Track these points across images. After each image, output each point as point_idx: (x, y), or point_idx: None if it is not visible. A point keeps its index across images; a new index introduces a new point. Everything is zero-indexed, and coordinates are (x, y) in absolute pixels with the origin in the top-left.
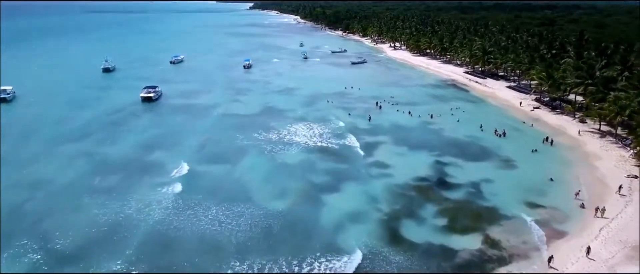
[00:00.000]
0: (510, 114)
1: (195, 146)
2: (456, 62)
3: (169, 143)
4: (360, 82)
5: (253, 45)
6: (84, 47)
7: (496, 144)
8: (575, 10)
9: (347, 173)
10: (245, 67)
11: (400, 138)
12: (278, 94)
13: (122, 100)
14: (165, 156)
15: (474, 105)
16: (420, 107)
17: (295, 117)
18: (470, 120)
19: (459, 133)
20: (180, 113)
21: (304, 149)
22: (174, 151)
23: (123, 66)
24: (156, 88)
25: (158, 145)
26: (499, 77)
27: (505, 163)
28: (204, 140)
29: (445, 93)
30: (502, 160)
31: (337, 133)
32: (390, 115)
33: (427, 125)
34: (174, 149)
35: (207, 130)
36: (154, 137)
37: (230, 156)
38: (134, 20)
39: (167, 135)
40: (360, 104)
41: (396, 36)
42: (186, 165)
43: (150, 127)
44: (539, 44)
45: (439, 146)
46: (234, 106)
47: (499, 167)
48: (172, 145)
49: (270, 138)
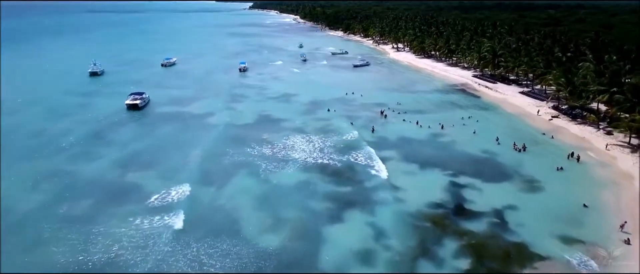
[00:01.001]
0: (527, 124)
1: (179, 164)
2: (463, 65)
3: (150, 161)
4: (362, 87)
5: (250, 47)
6: (75, 48)
7: (516, 160)
8: (578, 9)
9: (351, 199)
10: (241, 70)
11: (409, 154)
12: (275, 101)
13: (105, 107)
14: (143, 178)
15: (486, 114)
16: (429, 116)
17: (293, 127)
18: (485, 131)
19: (473, 147)
20: (166, 124)
21: (302, 167)
22: (154, 170)
23: (112, 69)
24: (143, 95)
25: (137, 163)
26: (510, 82)
27: (529, 184)
28: (190, 157)
29: (454, 99)
30: (525, 181)
31: (339, 147)
32: (396, 126)
33: (437, 137)
34: (154, 168)
35: (194, 143)
36: (134, 153)
37: (218, 177)
38: (132, 20)
39: (148, 150)
40: (364, 112)
41: (399, 37)
42: (165, 190)
43: (132, 141)
44: (553, 45)
45: (452, 163)
46: (226, 115)
47: (522, 189)
48: (152, 163)
49: (264, 153)
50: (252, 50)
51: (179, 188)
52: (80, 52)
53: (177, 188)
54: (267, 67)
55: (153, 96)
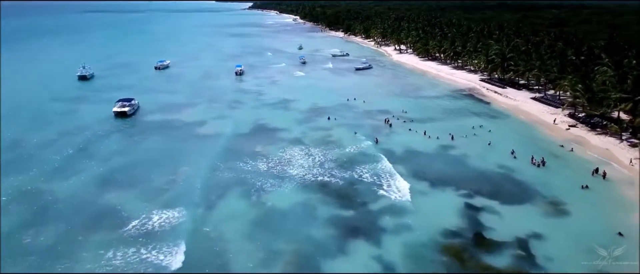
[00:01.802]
0: (542, 134)
1: (164, 183)
2: (469, 68)
3: (132, 178)
4: (365, 92)
5: (248, 48)
6: (68, 50)
7: (536, 177)
8: (581, 9)
9: (355, 225)
10: (237, 74)
11: (418, 170)
12: (272, 108)
13: (91, 115)
14: (122, 199)
15: (498, 122)
16: (437, 125)
17: (291, 139)
18: (498, 142)
19: (487, 161)
20: (154, 134)
21: (300, 186)
22: (135, 190)
23: (103, 73)
24: (132, 101)
25: (119, 181)
26: (520, 86)
27: (554, 206)
28: (177, 174)
29: (462, 106)
30: (548, 202)
31: (340, 161)
32: (402, 136)
33: (448, 150)
34: (136, 188)
35: (182, 158)
36: (116, 169)
37: (205, 199)
38: (130, 20)
39: (132, 166)
40: (367, 120)
41: (402, 38)
42: (145, 215)
43: (115, 154)
44: (565, 48)
45: (467, 181)
46: (219, 124)
47: (546, 213)
48: (135, 181)
49: (259, 169)
50: (249, 52)
51: (161, 213)
52: (73, 54)
53: (159, 212)
54: (265, 70)
55: (143, 102)
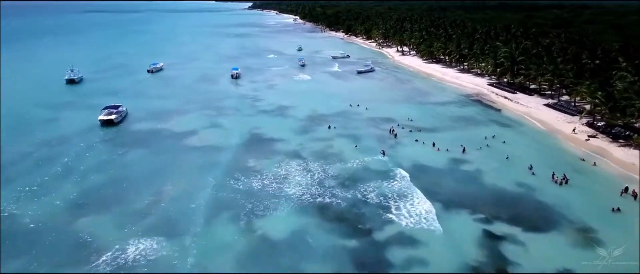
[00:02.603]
0: (561, 145)
1: (144, 205)
2: (476, 71)
3: (110, 199)
4: (367, 97)
5: (246, 49)
6: (61, 51)
7: (559, 198)
8: (582, 10)
9: (359, 259)
10: (233, 77)
11: (428, 189)
12: (268, 116)
13: (75, 124)
14: (96, 225)
15: (511, 132)
16: (446, 135)
17: (288, 151)
18: (514, 155)
19: (504, 178)
20: (140, 146)
21: (297, 209)
22: (112, 214)
23: (93, 76)
24: (119, 108)
25: (94, 202)
26: (531, 91)
27: (584, 234)
28: (160, 194)
29: (471, 113)
30: (577, 229)
31: (342, 178)
32: (409, 148)
33: (459, 164)
34: (113, 211)
35: (167, 174)
36: (93, 188)
37: (189, 225)
38: (129, 20)
39: (112, 184)
40: (370, 129)
41: (404, 39)
42: (119, 245)
43: (95, 169)
44: (580, 51)
45: (483, 203)
46: (211, 134)
47: (577, 243)
48: (112, 203)
49: (251, 188)
50: (247, 53)
51: (138, 243)
52: (65, 56)
53: (135, 242)
54: (262, 73)
55: (132, 108)
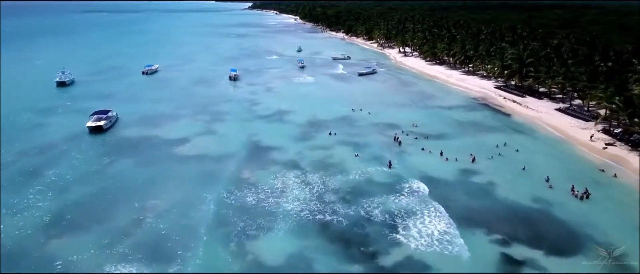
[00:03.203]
0: (577, 154)
1: (126, 224)
2: (482, 74)
3: (90, 217)
4: (369, 101)
5: (244, 50)
6: (54, 52)
7: (581, 215)
8: (584, 10)
9: None
10: (231, 79)
11: (437, 205)
12: (265, 121)
13: (62, 130)
14: (71, 249)
15: (523, 139)
16: (454, 142)
17: (285, 161)
18: (528, 165)
19: (519, 191)
20: (128, 155)
21: (295, 228)
22: (89, 236)
23: (85, 78)
24: (109, 113)
25: (72, 221)
26: (540, 95)
27: (614, 261)
28: (144, 210)
29: (479, 118)
30: (605, 252)
31: (344, 192)
32: (414, 157)
33: (470, 176)
34: (91, 231)
35: (154, 187)
36: (72, 204)
37: (173, 248)
38: (127, 20)
39: (93, 199)
40: (374, 136)
41: (407, 40)
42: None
43: (78, 181)
44: (592, 52)
45: (498, 220)
46: (204, 141)
47: (605, 270)
48: (92, 222)
49: (245, 203)
50: (245, 54)
51: (115, 269)
52: (58, 56)
53: (111, 268)
54: (261, 75)
55: (123, 113)
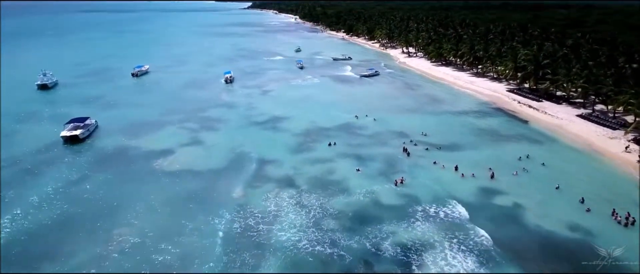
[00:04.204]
0: (610, 169)
1: (87, 258)
2: (491, 76)
3: (47, 249)
4: (373, 105)
5: (241, 51)
6: (43, 53)
7: (630, 248)
8: (589, 10)
9: None
10: (226, 81)
11: (458, 235)
12: (260, 128)
13: (35, 139)
14: None
15: (546, 151)
16: (469, 154)
17: (280, 177)
18: (555, 181)
19: (551, 215)
20: (103, 169)
21: (289, 264)
22: None
23: (70, 80)
24: (86, 121)
25: (26, 254)
26: (558, 99)
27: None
28: (109, 241)
29: (494, 125)
30: None
31: (346, 217)
32: (426, 172)
33: (491, 196)
34: (46, 267)
35: (127, 209)
36: (30, 232)
37: None
38: (125, 20)
39: (56, 226)
40: (378, 148)
41: (411, 40)
42: None
43: (40, 204)
44: (615, 54)
45: (531, 256)
46: (189, 153)
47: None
48: (48, 255)
49: (231, 231)
50: (243, 54)
51: None
52: (46, 58)
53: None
54: (258, 77)
55: (104, 120)
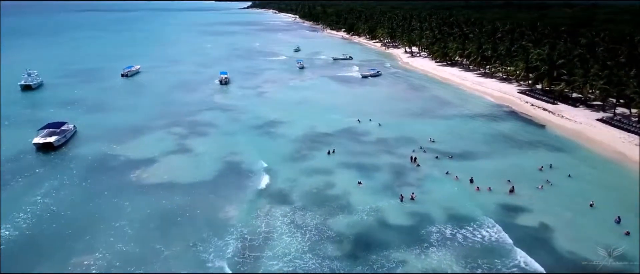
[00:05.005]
0: None
1: None
2: (500, 76)
3: None
4: (376, 108)
5: (239, 50)
6: (34, 53)
7: None
8: (594, 9)
9: None
10: (221, 83)
11: (477, 264)
12: (254, 134)
13: (7, 145)
14: None
15: (569, 160)
16: (483, 163)
17: (272, 192)
18: (585, 197)
19: (584, 239)
20: (74, 182)
21: None
22: None
23: (57, 80)
24: (63, 127)
25: None
26: (575, 102)
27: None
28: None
29: (508, 130)
30: None
31: (348, 241)
32: (437, 185)
33: (513, 215)
34: None
35: (98, 230)
36: None
37: None
38: (123, 19)
39: (12, 253)
40: (383, 156)
41: (414, 39)
42: None
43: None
44: (636, 54)
45: None
46: (173, 163)
47: None
48: None
49: (215, 258)
50: (240, 54)
51: None
52: (35, 57)
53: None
54: (255, 78)
55: (85, 124)
